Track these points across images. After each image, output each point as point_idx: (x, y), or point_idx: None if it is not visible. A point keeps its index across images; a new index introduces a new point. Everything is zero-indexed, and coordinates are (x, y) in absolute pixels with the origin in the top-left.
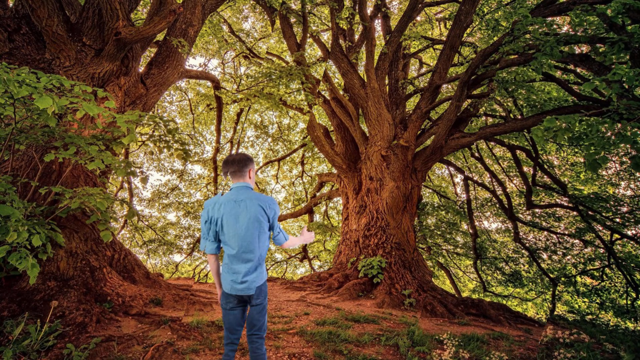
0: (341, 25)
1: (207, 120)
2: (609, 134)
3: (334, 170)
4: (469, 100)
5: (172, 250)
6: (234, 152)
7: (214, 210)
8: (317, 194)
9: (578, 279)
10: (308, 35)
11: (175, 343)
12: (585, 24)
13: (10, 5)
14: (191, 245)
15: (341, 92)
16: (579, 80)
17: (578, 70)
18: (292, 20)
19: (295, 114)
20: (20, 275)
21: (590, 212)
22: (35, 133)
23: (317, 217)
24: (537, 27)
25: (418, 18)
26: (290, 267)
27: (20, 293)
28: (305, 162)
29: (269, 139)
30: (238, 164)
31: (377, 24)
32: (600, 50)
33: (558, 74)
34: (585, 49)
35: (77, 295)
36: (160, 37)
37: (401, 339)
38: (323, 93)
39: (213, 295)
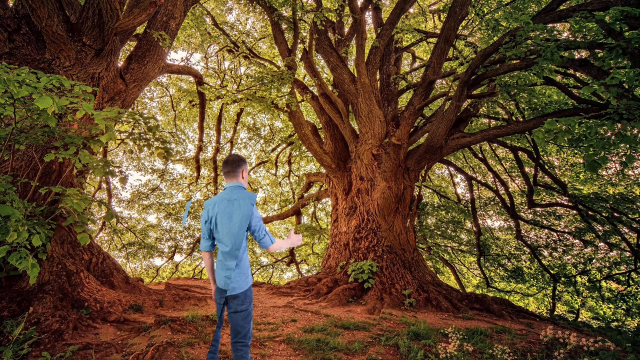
0: (330, 18)
1: (190, 118)
2: (609, 134)
3: (323, 170)
4: (469, 100)
5: (153, 254)
6: (230, 152)
7: (212, 210)
8: (305, 194)
9: (603, 283)
10: (299, 40)
11: (175, 341)
12: (584, 30)
13: (10, 5)
14: (173, 249)
15: (330, 88)
16: (579, 84)
17: (577, 74)
18: (284, 27)
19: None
20: (20, 275)
21: (615, 214)
22: (35, 133)
23: (305, 219)
24: (538, 33)
25: (411, 10)
26: (277, 272)
27: (20, 293)
28: (292, 161)
29: (262, 141)
30: (232, 164)
31: (368, 16)
32: (599, 55)
33: (558, 78)
34: (584, 54)
35: (53, 300)
36: (140, 29)
37: (401, 338)
38: (311, 89)
39: (208, 290)
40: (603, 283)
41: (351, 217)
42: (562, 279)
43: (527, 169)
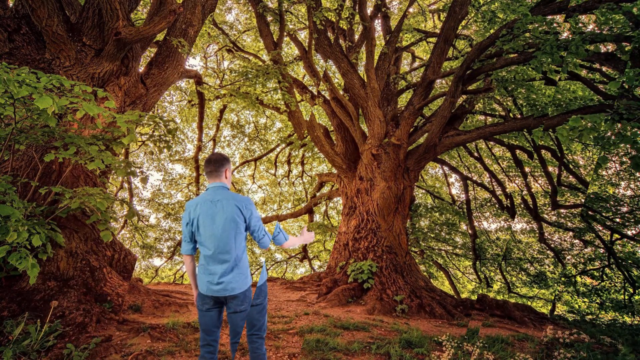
0: (341, 25)
1: (189, 117)
2: (609, 133)
3: (334, 170)
4: (464, 97)
5: (152, 254)
6: (215, 151)
7: (194, 212)
8: (317, 194)
9: (578, 279)
10: (285, 33)
11: (155, 349)
12: (610, 22)
13: (10, 5)
14: (172, 249)
15: (341, 92)
16: (605, 79)
17: (604, 69)
18: (269, 18)
19: (272, 114)
20: (20, 275)
21: (590, 212)
22: (35, 133)
23: (317, 217)
24: (536, 25)
25: (411, 10)
26: (291, 267)
27: (20, 293)
28: (305, 162)
29: (246, 139)
30: (214, 164)
31: (377, 24)
32: (626, 49)
33: (557, 77)
34: (611, 47)
35: (77, 295)
36: (160, 37)
37: (393, 347)
38: (323, 93)
39: (189, 296)
40: (578, 278)
41: (351, 217)
42: (563, 278)
43: (527, 169)
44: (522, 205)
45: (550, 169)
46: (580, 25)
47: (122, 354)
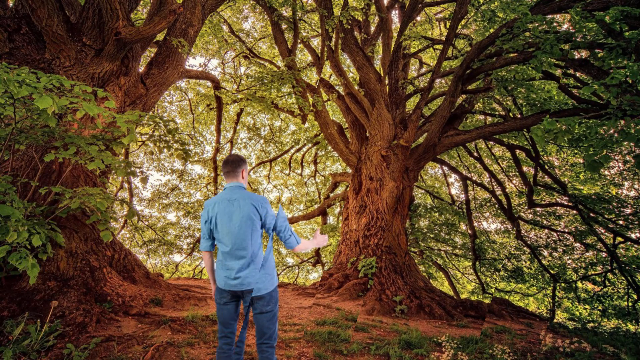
0: (356, 17)
1: (207, 120)
2: (611, 131)
3: (349, 170)
4: (464, 96)
5: (172, 250)
6: (232, 152)
7: (212, 210)
8: (331, 194)
9: (579, 284)
10: (299, 41)
11: (175, 341)
12: (584, 30)
13: (10, 5)
14: (191, 245)
15: (356, 87)
16: (579, 84)
17: (577, 74)
18: (284, 26)
19: (287, 117)
20: (20, 275)
21: (591, 214)
22: (35, 133)
23: (331, 219)
24: (537, 24)
25: (418, 18)
26: (303, 272)
27: (20, 293)
28: (318, 161)
29: (261, 141)
30: (232, 164)
31: (394, 15)
32: (599, 55)
33: (558, 72)
34: (585, 54)
35: (77, 295)
36: (160, 37)
37: (392, 347)
38: (337, 88)
39: (208, 290)
40: (579, 284)
41: (361, 215)
42: (563, 284)
43: (525, 169)
44: (497, 205)
45: (524, 169)
46: (554, 24)
47: (144, 345)
